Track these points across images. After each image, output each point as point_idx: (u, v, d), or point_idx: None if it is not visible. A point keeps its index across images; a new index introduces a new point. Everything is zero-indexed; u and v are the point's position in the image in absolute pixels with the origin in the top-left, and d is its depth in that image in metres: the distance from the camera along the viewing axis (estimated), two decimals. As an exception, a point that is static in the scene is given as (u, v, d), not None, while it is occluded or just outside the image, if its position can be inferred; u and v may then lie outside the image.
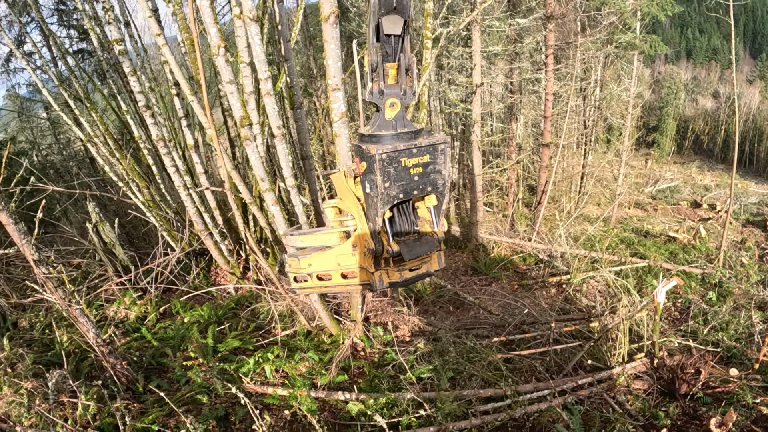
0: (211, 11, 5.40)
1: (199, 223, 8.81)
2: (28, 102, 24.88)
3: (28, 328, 8.59)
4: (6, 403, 6.31)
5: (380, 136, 1.95)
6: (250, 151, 5.95)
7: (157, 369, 7.40)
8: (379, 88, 1.96)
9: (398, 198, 2.02)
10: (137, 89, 7.98)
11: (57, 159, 22.35)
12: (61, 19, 22.32)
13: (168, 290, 9.46)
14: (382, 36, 1.91)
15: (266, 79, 5.62)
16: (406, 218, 2.19)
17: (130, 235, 12.64)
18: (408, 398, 6.29)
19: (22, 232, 5.46)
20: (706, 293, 11.53)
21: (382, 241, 2.13)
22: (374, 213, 2.06)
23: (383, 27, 1.87)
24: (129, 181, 9.33)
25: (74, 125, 9.39)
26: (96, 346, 6.41)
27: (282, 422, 6.21)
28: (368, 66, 1.97)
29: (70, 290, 6.06)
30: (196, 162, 8.39)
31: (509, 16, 17.43)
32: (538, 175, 20.57)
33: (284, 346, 7.47)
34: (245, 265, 9.47)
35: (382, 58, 1.94)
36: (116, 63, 9.50)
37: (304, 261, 2.50)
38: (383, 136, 1.95)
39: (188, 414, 5.78)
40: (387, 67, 1.96)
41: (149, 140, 9.28)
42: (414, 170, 2.00)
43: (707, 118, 56.93)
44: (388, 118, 1.96)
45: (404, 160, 1.93)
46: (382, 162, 1.88)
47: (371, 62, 1.94)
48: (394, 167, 1.93)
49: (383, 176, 1.90)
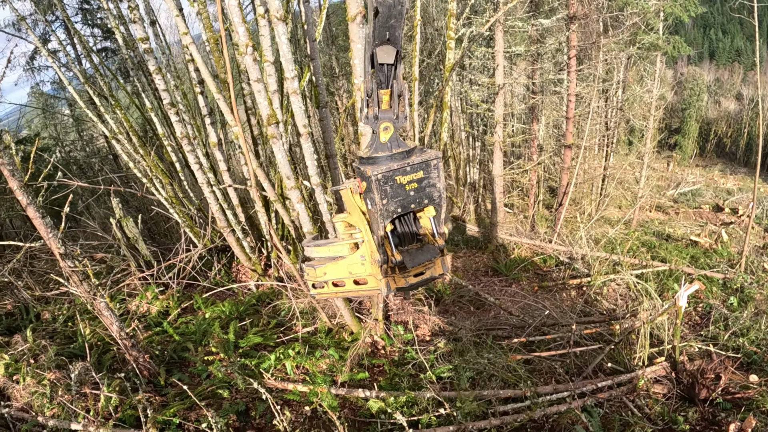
0: (239, 11, 5.45)
1: (222, 219, 8.89)
2: (52, 99, 25.22)
3: (51, 321, 8.72)
4: (29, 393, 6.42)
5: (376, 158, 2.11)
6: (277, 149, 5.98)
7: (179, 363, 7.48)
8: (374, 113, 2.13)
9: (396, 213, 2.19)
10: (162, 87, 8.07)
11: (80, 155, 22.67)
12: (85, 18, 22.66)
13: (190, 286, 9.56)
14: (377, 65, 2.03)
15: (293, 78, 5.65)
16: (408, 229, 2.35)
17: (153, 230, 12.79)
18: (428, 397, 6.29)
19: (49, 226, 5.56)
20: (728, 298, 11.38)
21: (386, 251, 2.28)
22: (377, 227, 2.22)
23: (377, 57, 1.99)
24: (152, 178, 9.44)
25: (99, 122, 9.52)
26: (119, 339, 6.49)
27: (302, 418, 6.24)
28: (364, 93, 2.13)
29: (94, 284, 6.14)
30: (219, 159, 8.46)
31: (532, 16, 17.36)
32: (560, 177, 20.44)
33: (305, 343, 7.50)
34: (266, 262, 9.53)
35: (376, 85, 2.08)
36: (141, 61, 9.61)
37: (320, 270, 2.71)
38: (379, 157, 2.11)
39: (209, 408, 5.83)
40: (381, 94, 2.11)
41: (173, 137, 9.38)
42: (409, 186, 2.17)
43: (730, 120, 56.05)
44: (383, 141, 2.13)
45: (399, 178, 2.11)
46: (378, 182, 2.06)
47: (366, 89, 2.10)
48: (390, 185, 2.10)
49: (380, 194, 2.07)
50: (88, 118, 11.42)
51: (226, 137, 10.35)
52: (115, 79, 10.91)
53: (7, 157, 5.16)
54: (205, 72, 6.45)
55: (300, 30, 8.41)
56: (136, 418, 6.03)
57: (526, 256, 16.50)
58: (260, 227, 9.25)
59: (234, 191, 8.84)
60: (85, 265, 5.98)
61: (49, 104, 25.22)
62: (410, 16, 18.96)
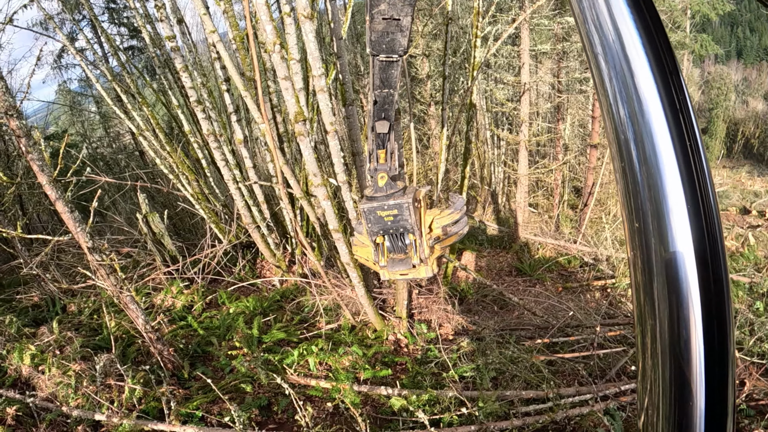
0: (267, 9, 5.49)
1: (247, 216, 8.96)
2: (78, 96, 25.62)
3: (77, 313, 8.87)
4: (54, 383, 6.53)
5: (371, 197, 2.77)
6: (304, 147, 6.02)
7: (202, 357, 7.56)
8: (374, 166, 2.78)
9: (379, 233, 2.88)
10: (188, 85, 8.15)
11: (107, 152, 23.01)
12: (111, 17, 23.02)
13: (214, 281, 9.65)
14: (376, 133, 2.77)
15: (320, 76, 5.67)
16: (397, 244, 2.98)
17: (178, 226, 12.93)
18: (450, 396, 6.29)
19: (77, 220, 5.65)
20: (753, 303, 11.17)
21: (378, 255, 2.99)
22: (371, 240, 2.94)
23: (376, 128, 2.75)
24: (178, 174, 9.54)
25: (126, 119, 9.65)
26: (144, 332, 6.58)
27: (324, 414, 6.27)
28: (367, 152, 2.83)
29: (120, 278, 6.22)
30: (245, 156, 8.53)
31: (558, 14, 17.21)
32: (585, 177, 20.27)
33: (328, 340, 7.54)
34: (291, 258, 9.59)
35: (375, 146, 2.78)
36: (167, 59, 9.71)
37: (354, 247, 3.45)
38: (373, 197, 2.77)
39: (232, 402, 5.89)
40: (379, 153, 2.80)
41: (199, 134, 9.47)
42: (387, 218, 2.83)
43: (758, 121, 54.96)
44: (380, 185, 2.76)
45: (379, 212, 2.78)
46: (364, 213, 2.76)
47: (369, 149, 2.79)
48: (373, 215, 2.79)
49: (366, 221, 2.80)
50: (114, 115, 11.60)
51: (252, 134, 10.43)
52: (141, 76, 11.04)
53: (37, 153, 5.25)
54: (232, 70, 6.51)
55: (326, 28, 8.43)
56: (160, 410, 6.12)
57: (550, 257, 16.39)
58: (285, 224, 9.31)
59: (259, 188, 8.91)
60: (112, 259, 6.07)
61: (76, 101, 25.65)
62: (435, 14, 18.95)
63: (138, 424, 5.79)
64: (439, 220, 3.00)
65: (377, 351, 7.39)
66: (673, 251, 0.73)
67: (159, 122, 9.76)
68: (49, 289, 9.39)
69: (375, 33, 2.38)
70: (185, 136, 9.85)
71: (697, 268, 0.73)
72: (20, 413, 5.99)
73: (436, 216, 3.02)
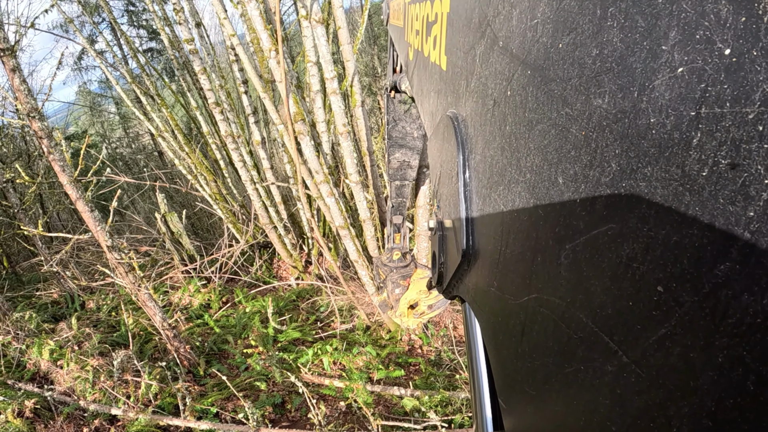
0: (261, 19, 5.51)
1: (264, 216, 9.03)
2: (98, 98, 25.94)
3: (95, 310, 9.01)
4: (72, 378, 6.66)
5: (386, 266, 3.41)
6: (304, 145, 6.13)
7: (218, 355, 7.65)
8: (390, 246, 3.49)
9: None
10: (207, 86, 8.23)
11: (126, 152, 23.27)
12: (131, 20, 23.30)
13: (231, 280, 9.74)
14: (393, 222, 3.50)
15: (332, 78, 5.73)
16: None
17: (196, 226, 13.06)
18: (462, 397, 6.29)
19: (97, 219, 5.75)
20: None
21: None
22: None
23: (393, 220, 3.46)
24: (197, 175, 9.64)
25: (145, 120, 9.77)
26: (161, 329, 6.68)
27: (337, 413, 6.31)
28: (386, 236, 3.56)
29: (139, 276, 6.32)
30: (263, 158, 8.60)
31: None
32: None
33: (343, 340, 7.57)
34: (307, 259, 9.64)
35: (392, 231, 3.50)
36: (186, 61, 9.81)
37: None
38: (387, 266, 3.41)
39: (246, 399, 5.95)
40: (395, 236, 3.51)
41: (217, 135, 9.56)
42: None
43: None
44: (394, 259, 3.41)
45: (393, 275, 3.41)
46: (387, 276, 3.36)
47: (387, 234, 3.53)
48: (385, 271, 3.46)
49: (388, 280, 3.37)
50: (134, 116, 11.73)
51: (270, 136, 10.50)
52: (160, 78, 11.16)
53: (58, 154, 5.35)
54: (250, 72, 6.58)
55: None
56: (175, 406, 6.22)
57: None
58: (301, 225, 9.36)
59: (277, 189, 8.97)
60: (131, 258, 6.16)
61: (96, 102, 25.97)
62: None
63: (153, 419, 5.88)
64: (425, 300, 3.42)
65: (391, 351, 7.41)
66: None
67: (178, 123, 9.86)
68: (68, 286, 9.54)
69: (392, 169, 3.25)
70: (204, 137, 9.95)
71: None
72: (38, 406, 6.12)
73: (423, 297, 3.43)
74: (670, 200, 0.38)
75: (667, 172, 0.38)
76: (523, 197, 0.65)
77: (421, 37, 1.46)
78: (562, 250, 0.54)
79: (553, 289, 0.57)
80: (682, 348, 0.36)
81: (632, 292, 0.42)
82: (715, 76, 0.33)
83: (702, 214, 0.35)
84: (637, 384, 0.42)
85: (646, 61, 0.40)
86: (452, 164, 0.97)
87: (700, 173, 0.35)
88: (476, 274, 0.90)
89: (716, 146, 0.33)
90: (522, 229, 0.66)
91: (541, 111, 0.59)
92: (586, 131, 0.49)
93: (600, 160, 0.47)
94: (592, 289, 0.48)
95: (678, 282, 0.37)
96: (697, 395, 0.35)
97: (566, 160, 0.53)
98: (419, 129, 3.20)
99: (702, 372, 0.34)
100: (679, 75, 0.36)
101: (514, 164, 0.68)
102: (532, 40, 0.62)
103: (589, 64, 0.49)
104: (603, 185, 0.46)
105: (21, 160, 12.68)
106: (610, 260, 0.45)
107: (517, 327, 0.69)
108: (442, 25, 1.13)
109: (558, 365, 0.56)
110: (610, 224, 0.45)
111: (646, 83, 0.40)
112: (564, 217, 0.54)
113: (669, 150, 0.38)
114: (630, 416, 0.43)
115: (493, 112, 0.77)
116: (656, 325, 0.39)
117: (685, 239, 0.36)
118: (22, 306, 9.11)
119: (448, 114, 1.02)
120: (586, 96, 0.49)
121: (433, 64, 1.26)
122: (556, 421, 0.59)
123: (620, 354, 0.44)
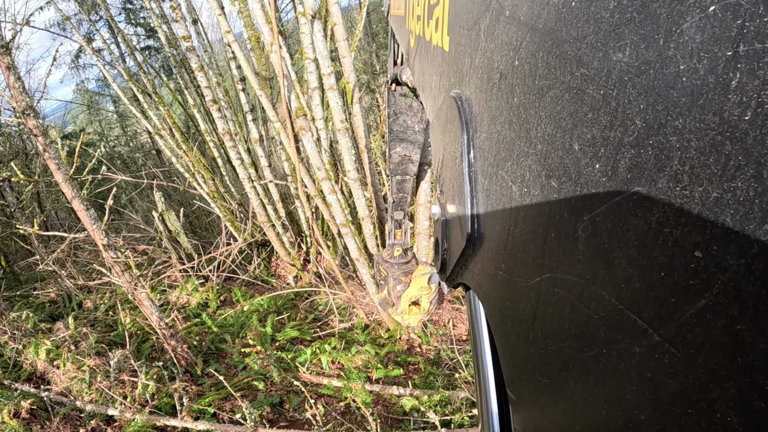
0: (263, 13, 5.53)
1: (263, 214, 8.98)
2: (96, 96, 25.92)
3: (93, 309, 8.97)
4: (69, 378, 6.62)
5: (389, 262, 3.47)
6: (306, 141, 6.09)
7: (216, 354, 7.60)
8: (391, 242, 3.56)
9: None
10: (204, 84, 8.18)
11: (124, 150, 23.22)
12: (128, 17, 23.30)
13: (229, 279, 9.71)
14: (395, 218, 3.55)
15: (329, 75, 5.70)
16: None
17: (194, 224, 13.02)
18: (462, 397, 6.26)
19: (93, 218, 5.70)
20: None
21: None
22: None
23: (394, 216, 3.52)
24: (194, 173, 9.59)
25: (143, 118, 9.72)
26: (158, 328, 6.63)
27: (335, 412, 6.28)
28: (387, 231, 3.61)
29: (136, 275, 6.28)
30: (261, 155, 8.55)
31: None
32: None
33: (341, 339, 7.54)
34: (305, 257, 9.60)
35: (393, 227, 3.55)
36: (183, 59, 9.76)
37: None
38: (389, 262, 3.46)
39: (244, 399, 5.91)
40: (396, 232, 3.57)
41: (215, 133, 9.51)
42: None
43: None
44: (395, 255, 3.45)
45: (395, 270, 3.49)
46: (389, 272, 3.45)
47: (388, 230, 3.59)
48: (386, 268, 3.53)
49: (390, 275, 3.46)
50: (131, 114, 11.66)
51: (267, 133, 10.44)
52: (158, 76, 11.12)
53: (53, 152, 5.31)
54: (247, 69, 6.54)
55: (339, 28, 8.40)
56: (172, 406, 6.17)
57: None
58: (300, 223, 9.31)
59: (275, 187, 8.93)
60: (127, 257, 6.12)
61: (94, 101, 25.96)
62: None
63: (150, 419, 5.83)
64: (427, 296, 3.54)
65: (390, 350, 7.38)
66: None
67: (175, 121, 9.82)
68: (65, 286, 9.51)
69: (393, 164, 3.22)
70: (201, 135, 9.91)
71: None
72: (35, 407, 6.07)
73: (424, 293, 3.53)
74: (707, 152, 0.34)
75: (703, 121, 0.34)
76: (534, 170, 0.61)
77: (422, 21, 1.43)
78: (579, 223, 0.50)
79: (569, 266, 0.53)
80: (727, 320, 0.32)
81: (664, 261, 0.38)
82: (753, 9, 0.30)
83: (747, 164, 0.31)
84: (671, 365, 0.37)
85: (672, 4, 0.37)
86: (456, 145, 0.93)
87: (741, 118, 0.31)
88: (482, 258, 0.86)
89: (759, 86, 0.30)
90: (533, 205, 0.62)
91: (553, 76, 0.56)
92: (605, 90, 0.46)
93: (622, 118, 0.43)
94: (615, 262, 0.44)
95: (720, 244, 0.33)
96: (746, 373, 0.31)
97: (582, 124, 0.49)
98: (420, 123, 3.13)
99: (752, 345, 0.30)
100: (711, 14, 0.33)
101: (524, 136, 0.64)
102: (542, 3, 0.58)
103: (607, 17, 0.45)
104: (626, 146, 0.42)
105: (19, 158, 12.64)
106: (636, 227, 0.41)
107: (528, 311, 0.65)
108: (444, 5, 1.10)
109: (576, 350, 0.52)
110: (636, 187, 0.41)
111: (672, 28, 0.37)
112: (581, 186, 0.50)
113: (703, 97, 0.34)
114: (663, 402, 0.39)
115: (499, 86, 0.73)
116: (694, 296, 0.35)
117: (727, 194, 0.32)
118: (19, 305, 9.07)
119: (451, 95, 0.99)
120: (603, 52, 0.46)
121: (435, 47, 1.24)
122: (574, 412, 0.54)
123: (650, 333, 0.39)
